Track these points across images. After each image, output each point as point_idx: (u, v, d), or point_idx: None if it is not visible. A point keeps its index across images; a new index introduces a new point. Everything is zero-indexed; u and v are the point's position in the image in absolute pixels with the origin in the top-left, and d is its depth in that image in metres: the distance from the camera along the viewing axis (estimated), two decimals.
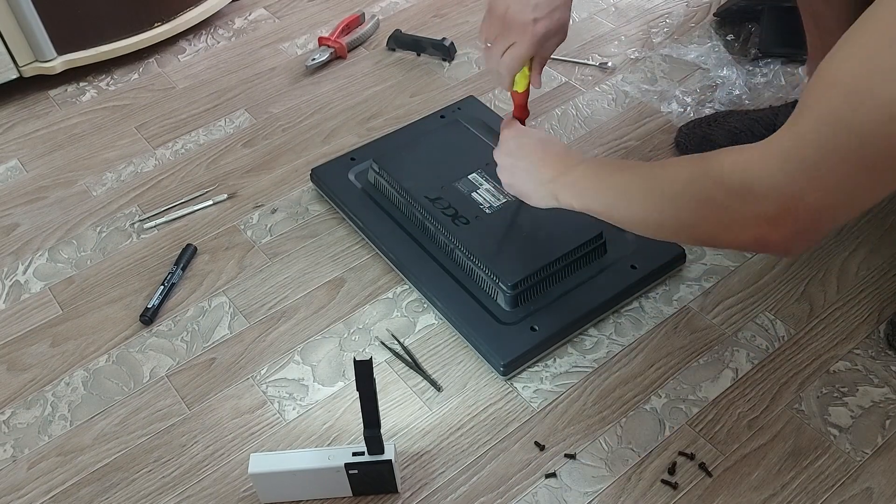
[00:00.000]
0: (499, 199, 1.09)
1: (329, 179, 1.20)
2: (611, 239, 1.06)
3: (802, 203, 0.61)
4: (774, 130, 1.18)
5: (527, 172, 0.92)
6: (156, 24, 1.51)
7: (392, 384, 0.99)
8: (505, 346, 0.97)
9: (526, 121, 1.00)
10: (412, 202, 1.10)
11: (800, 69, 1.37)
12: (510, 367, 0.97)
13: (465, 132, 1.21)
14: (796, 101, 1.16)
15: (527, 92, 0.97)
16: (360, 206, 1.16)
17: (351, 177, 1.20)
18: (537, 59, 0.93)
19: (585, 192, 0.84)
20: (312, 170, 1.23)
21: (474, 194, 1.10)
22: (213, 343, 1.05)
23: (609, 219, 0.83)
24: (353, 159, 1.23)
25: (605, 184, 0.82)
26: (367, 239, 1.14)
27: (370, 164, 1.18)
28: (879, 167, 0.58)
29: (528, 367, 0.99)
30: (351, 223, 1.17)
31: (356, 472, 0.85)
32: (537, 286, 1.01)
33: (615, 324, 1.03)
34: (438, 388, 0.98)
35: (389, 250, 1.10)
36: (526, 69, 0.94)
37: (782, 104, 1.20)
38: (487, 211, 1.08)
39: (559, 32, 0.90)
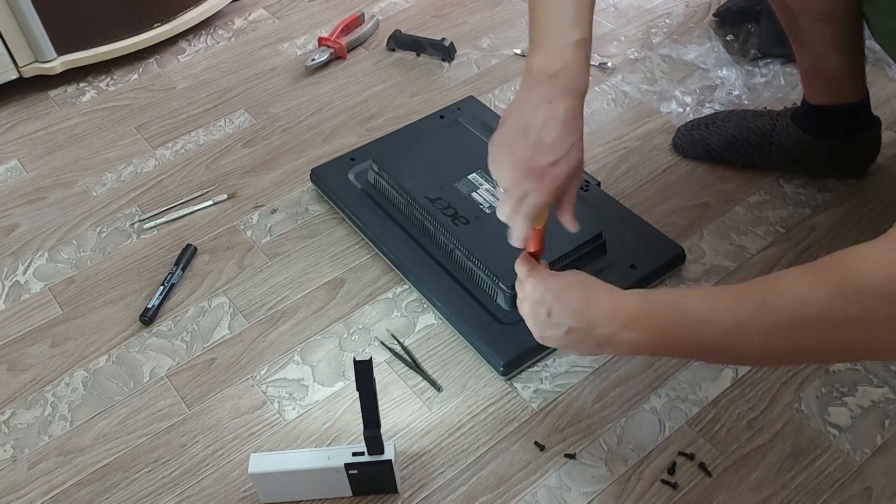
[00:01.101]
0: (499, 199, 1.09)
1: (329, 180, 1.21)
2: (610, 239, 1.06)
3: None
4: (772, 143, 1.19)
5: (564, 322, 0.78)
6: (156, 25, 1.51)
7: (392, 384, 0.99)
8: (505, 346, 0.97)
9: (540, 257, 0.87)
10: (412, 202, 1.11)
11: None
12: (510, 367, 0.97)
13: (465, 132, 1.21)
14: (794, 109, 1.17)
15: (544, 228, 0.85)
16: (360, 207, 1.16)
17: (351, 177, 1.20)
18: (566, 197, 0.82)
19: (670, 333, 0.72)
20: (312, 170, 1.23)
21: (474, 194, 1.10)
22: (213, 343, 1.05)
23: (702, 358, 0.77)
24: (352, 159, 1.23)
25: (696, 323, 0.70)
26: (366, 239, 1.15)
27: (370, 165, 1.18)
28: None
29: (528, 367, 0.99)
30: (351, 223, 1.17)
31: (356, 472, 0.85)
32: None
33: None
34: (438, 388, 0.98)
35: (389, 250, 1.10)
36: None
37: (780, 110, 1.20)
38: (487, 211, 1.08)
39: (578, 172, 0.80)
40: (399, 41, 1.51)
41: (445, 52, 1.47)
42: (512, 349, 0.97)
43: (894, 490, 0.86)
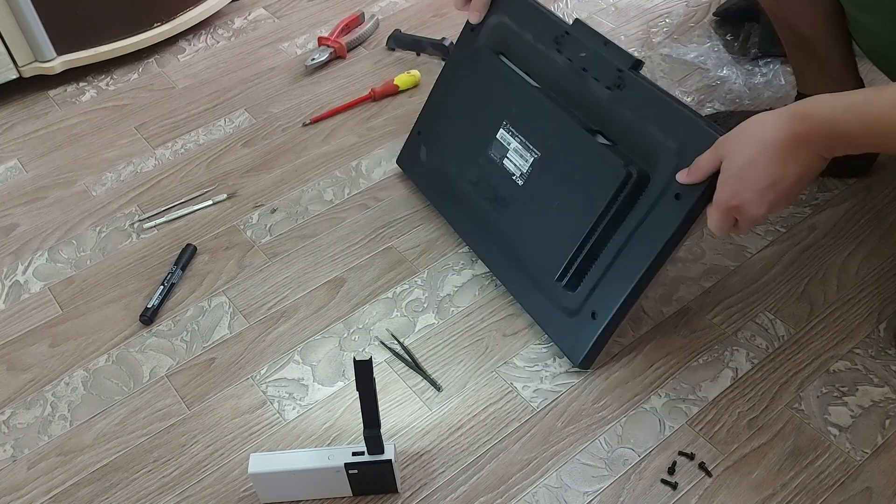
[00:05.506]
0: (526, 161, 1.03)
1: (407, 161, 1.24)
2: (653, 154, 0.92)
3: None
4: None
5: (765, 191, 0.80)
6: (155, 24, 1.51)
7: (392, 384, 0.99)
8: (576, 341, 0.97)
9: None
10: (460, 193, 1.13)
11: None
12: (587, 361, 0.97)
13: (489, 69, 1.10)
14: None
15: None
16: (430, 189, 1.20)
17: (422, 156, 1.21)
18: None
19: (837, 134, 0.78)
20: (398, 157, 1.26)
21: (506, 161, 1.06)
22: (213, 343, 1.05)
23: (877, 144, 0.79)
24: (419, 133, 1.21)
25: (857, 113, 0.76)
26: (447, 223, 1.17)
27: (420, 145, 1.19)
28: None
29: (529, 366, 0.99)
30: (432, 207, 1.20)
31: (356, 472, 0.85)
32: (585, 261, 0.96)
33: None
34: (438, 388, 0.98)
35: (465, 240, 1.14)
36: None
37: (781, 108, 1.19)
38: (519, 182, 1.04)
39: None
40: (399, 41, 1.51)
41: (445, 51, 1.47)
42: (583, 343, 0.97)
43: (894, 490, 0.86)
